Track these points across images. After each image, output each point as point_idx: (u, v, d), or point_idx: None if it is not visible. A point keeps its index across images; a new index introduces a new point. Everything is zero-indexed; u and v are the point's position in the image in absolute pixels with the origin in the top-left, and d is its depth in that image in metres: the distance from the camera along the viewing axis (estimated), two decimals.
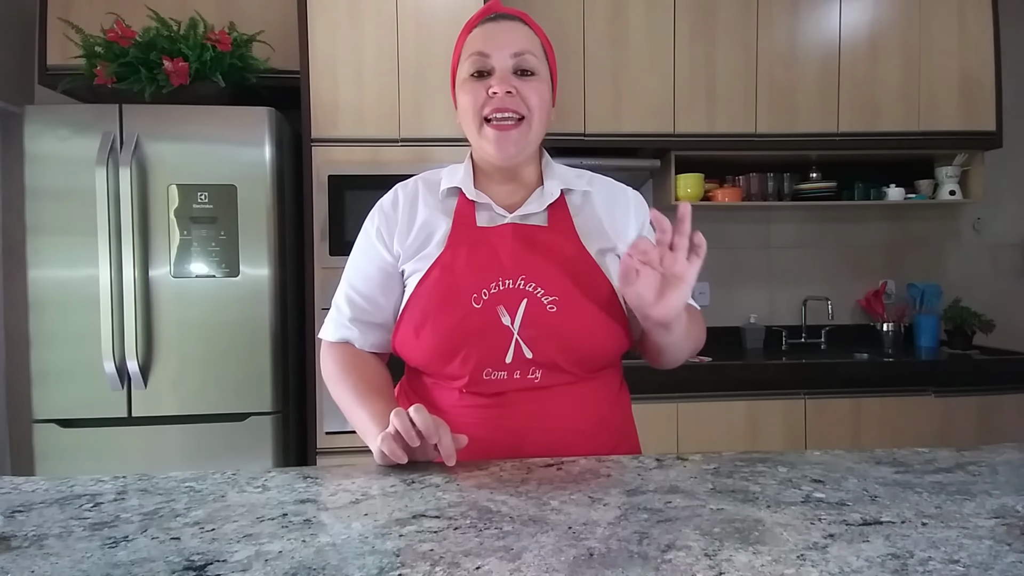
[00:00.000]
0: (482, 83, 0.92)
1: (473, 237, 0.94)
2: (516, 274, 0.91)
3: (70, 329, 1.97)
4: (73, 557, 0.58)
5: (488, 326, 0.90)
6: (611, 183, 1.06)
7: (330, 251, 2.13)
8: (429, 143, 2.18)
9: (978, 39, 2.57)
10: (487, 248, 0.93)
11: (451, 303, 0.90)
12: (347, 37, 2.15)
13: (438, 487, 0.75)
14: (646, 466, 0.83)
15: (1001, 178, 2.86)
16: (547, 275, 0.92)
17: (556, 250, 0.94)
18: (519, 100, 0.92)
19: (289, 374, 2.18)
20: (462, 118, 0.96)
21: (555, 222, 0.97)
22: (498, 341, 0.90)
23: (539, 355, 0.90)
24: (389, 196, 1.02)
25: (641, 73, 2.49)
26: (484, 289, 0.90)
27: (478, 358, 0.90)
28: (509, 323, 0.90)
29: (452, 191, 0.98)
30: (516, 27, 0.95)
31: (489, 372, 0.91)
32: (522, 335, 0.90)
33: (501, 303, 0.90)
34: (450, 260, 0.93)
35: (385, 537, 0.60)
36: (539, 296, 0.91)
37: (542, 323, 0.90)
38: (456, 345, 0.90)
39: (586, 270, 0.95)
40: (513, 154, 0.94)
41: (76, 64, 2.12)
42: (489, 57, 0.91)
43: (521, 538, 0.60)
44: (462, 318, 0.90)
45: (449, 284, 0.91)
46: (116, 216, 1.96)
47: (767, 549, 0.58)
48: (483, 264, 0.92)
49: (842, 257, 2.94)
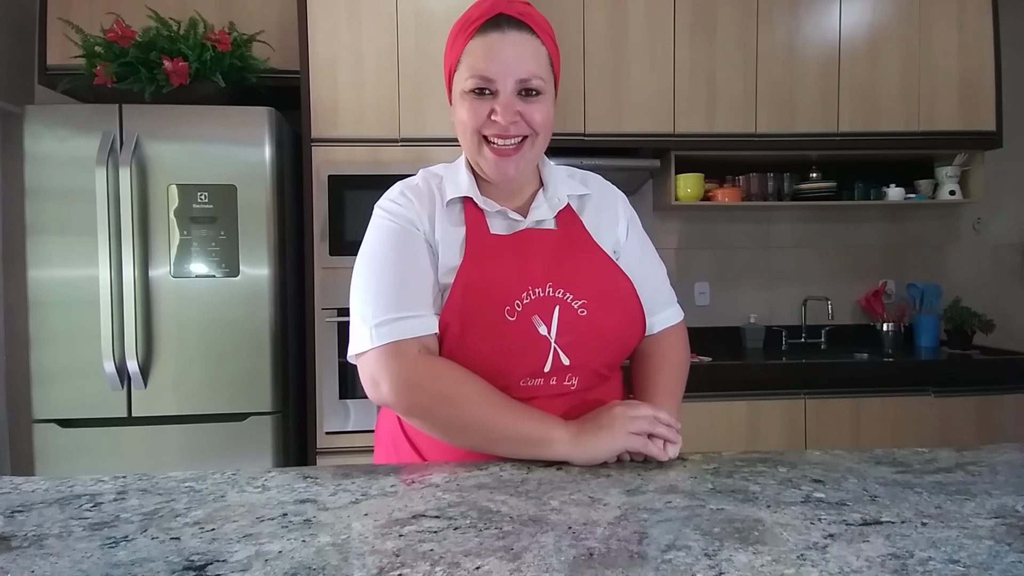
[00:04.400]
0: (484, 103, 0.88)
1: (492, 247, 0.91)
2: (544, 281, 0.89)
3: (70, 329, 1.97)
4: (73, 557, 0.58)
5: (526, 338, 0.87)
6: (601, 181, 1.06)
7: (330, 251, 2.13)
8: (429, 143, 2.18)
9: (978, 39, 2.57)
10: (510, 257, 0.90)
11: (484, 318, 0.86)
12: (347, 37, 2.15)
13: (438, 487, 0.75)
14: (646, 466, 0.83)
15: (1001, 178, 2.86)
16: (573, 279, 0.90)
17: (576, 252, 0.93)
18: (523, 124, 0.88)
19: (289, 374, 2.18)
20: (459, 130, 0.92)
21: (565, 225, 0.96)
22: (537, 352, 0.88)
23: (575, 360, 0.89)
24: (401, 197, 0.94)
25: (641, 73, 2.49)
26: (516, 300, 0.87)
27: (518, 371, 0.88)
28: (546, 332, 0.88)
29: (459, 199, 0.94)
30: (522, 42, 0.87)
31: (526, 380, 0.89)
32: (559, 343, 0.88)
33: (535, 313, 0.87)
34: (474, 273, 0.88)
35: (385, 537, 0.60)
36: (569, 301, 0.89)
37: (576, 328, 0.89)
38: (496, 361, 0.87)
39: (606, 269, 0.94)
40: (513, 176, 0.92)
41: (76, 64, 2.12)
42: (493, 82, 0.87)
43: (521, 538, 0.60)
44: (500, 333, 0.86)
45: (479, 298, 0.87)
46: (116, 216, 1.96)
47: (767, 549, 0.58)
48: (510, 275, 0.88)
49: (842, 257, 2.93)
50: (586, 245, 0.95)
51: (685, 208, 2.72)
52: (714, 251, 2.87)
